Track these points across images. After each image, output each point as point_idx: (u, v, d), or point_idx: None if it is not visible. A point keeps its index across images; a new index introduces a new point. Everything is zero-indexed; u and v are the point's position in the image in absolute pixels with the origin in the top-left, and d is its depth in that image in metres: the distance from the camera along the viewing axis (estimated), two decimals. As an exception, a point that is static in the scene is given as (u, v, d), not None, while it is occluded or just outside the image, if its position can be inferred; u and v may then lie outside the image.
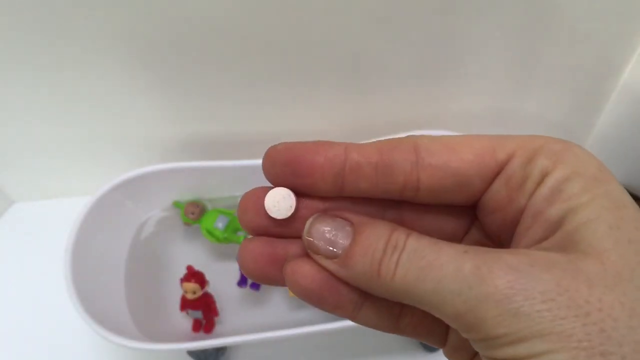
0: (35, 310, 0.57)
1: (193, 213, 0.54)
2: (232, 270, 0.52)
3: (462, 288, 0.12)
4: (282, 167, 0.14)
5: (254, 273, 0.15)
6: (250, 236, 0.15)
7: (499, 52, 0.50)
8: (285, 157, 0.14)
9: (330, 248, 0.14)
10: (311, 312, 0.52)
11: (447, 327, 0.15)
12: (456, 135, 0.14)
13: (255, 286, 0.50)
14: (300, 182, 0.14)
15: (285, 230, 0.15)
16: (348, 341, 0.53)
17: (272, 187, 0.15)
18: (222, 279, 0.52)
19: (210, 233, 0.52)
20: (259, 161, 0.48)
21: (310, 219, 0.14)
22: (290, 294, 0.49)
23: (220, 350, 0.50)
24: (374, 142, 0.14)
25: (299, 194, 0.15)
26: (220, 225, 0.52)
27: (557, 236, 0.12)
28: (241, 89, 0.52)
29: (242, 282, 0.51)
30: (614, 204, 0.12)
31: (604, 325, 0.11)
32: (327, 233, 0.14)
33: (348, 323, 0.43)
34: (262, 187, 0.15)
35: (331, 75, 0.51)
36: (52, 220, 0.65)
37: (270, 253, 0.15)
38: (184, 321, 0.51)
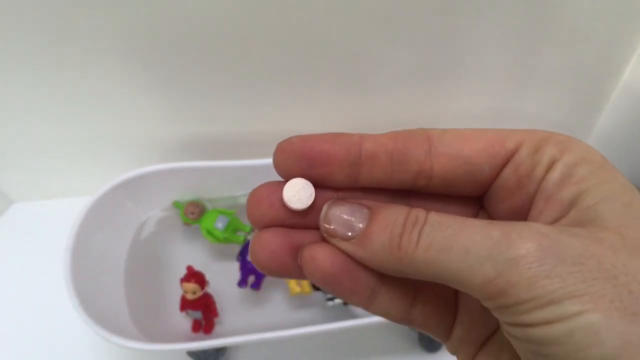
0: (34, 311, 0.57)
1: (193, 213, 0.54)
2: (232, 271, 0.52)
3: (492, 253, 0.12)
4: (298, 158, 0.14)
5: (271, 265, 0.14)
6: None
7: (499, 52, 0.50)
8: (300, 148, 0.14)
9: (348, 232, 0.14)
10: (311, 312, 0.52)
11: (454, 319, 0.15)
12: (465, 128, 0.14)
13: (256, 286, 0.50)
14: (316, 173, 0.14)
15: (301, 221, 0.15)
16: (348, 341, 0.53)
17: (284, 181, 0.14)
18: (222, 279, 0.52)
19: (210, 233, 0.52)
20: (259, 161, 0.48)
21: (327, 204, 0.14)
22: (292, 294, 0.49)
23: (220, 351, 0.50)
24: (387, 132, 0.14)
25: (313, 185, 0.14)
26: (220, 225, 0.52)
27: (572, 215, 0.13)
28: (241, 89, 0.52)
29: (242, 282, 0.51)
30: (623, 186, 0.12)
31: (632, 288, 0.11)
32: (344, 216, 0.14)
33: (348, 323, 0.43)
34: (273, 182, 0.15)
35: (331, 75, 0.51)
36: (52, 220, 0.65)
37: (288, 242, 0.14)
38: (184, 321, 0.51)
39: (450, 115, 0.57)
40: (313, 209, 0.14)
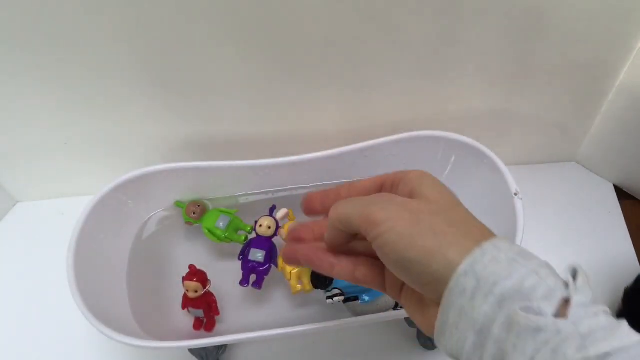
0: (38, 309, 0.57)
1: (194, 213, 0.54)
2: (234, 269, 0.52)
3: (362, 203, 0.26)
4: (305, 200, 0.32)
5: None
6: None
7: (498, 52, 0.50)
8: (307, 197, 0.31)
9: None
10: (312, 310, 0.52)
11: (383, 277, 0.28)
12: (367, 178, 0.31)
13: (257, 285, 0.51)
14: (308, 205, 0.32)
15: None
16: (348, 339, 0.53)
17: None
18: (224, 277, 0.53)
19: (211, 232, 0.53)
20: (260, 161, 0.50)
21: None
22: (293, 292, 0.49)
23: (221, 348, 0.50)
24: (334, 187, 0.31)
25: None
26: (221, 224, 0.53)
27: (411, 195, 0.27)
28: (241, 89, 0.53)
29: (244, 280, 0.51)
30: (433, 181, 0.27)
31: (419, 216, 0.24)
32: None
33: (348, 321, 0.43)
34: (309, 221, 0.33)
35: (331, 75, 0.52)
36: (55, 220, 0.65)
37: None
38: (185, 319, 0.51)
39: (449, 115, 0.57)
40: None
